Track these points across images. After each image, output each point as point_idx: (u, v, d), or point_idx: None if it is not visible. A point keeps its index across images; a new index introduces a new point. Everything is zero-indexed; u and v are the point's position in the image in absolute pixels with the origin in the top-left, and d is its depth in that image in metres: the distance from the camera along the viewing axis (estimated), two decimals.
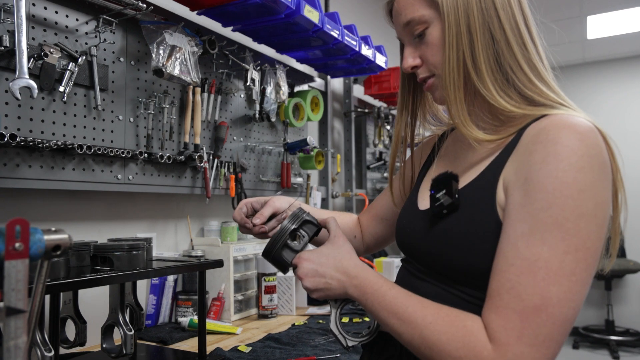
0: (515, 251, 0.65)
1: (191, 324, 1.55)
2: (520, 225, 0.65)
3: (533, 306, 0.62)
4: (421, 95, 0.93)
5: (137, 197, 1.62)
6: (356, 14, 3.00)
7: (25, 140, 1.17)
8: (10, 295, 0.68)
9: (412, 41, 0.82)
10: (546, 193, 0.64)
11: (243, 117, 1.95)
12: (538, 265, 0.63)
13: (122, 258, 1.04)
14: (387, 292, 0.75)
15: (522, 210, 0.66)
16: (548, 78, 0.78)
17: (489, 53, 0.75)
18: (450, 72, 0.76)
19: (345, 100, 2.80)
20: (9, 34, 1.14)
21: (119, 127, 1.45)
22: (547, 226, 0.63)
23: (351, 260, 0.81)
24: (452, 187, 0.75)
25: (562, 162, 0.64)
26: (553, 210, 0.63)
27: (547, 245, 0.63)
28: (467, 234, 0.72)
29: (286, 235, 0.86)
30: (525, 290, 0.63)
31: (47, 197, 1.36)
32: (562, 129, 0.66)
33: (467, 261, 0.72)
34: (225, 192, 1.82)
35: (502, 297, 0.65)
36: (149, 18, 1.49)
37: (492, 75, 0.75)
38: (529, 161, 0.67)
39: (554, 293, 0.62)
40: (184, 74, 1.50)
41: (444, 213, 0.75)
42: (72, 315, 1.10)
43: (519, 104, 0.75)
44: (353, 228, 1.13)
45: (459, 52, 0.75)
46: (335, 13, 1.89)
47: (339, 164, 2.69)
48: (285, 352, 1.32)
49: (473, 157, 0.81)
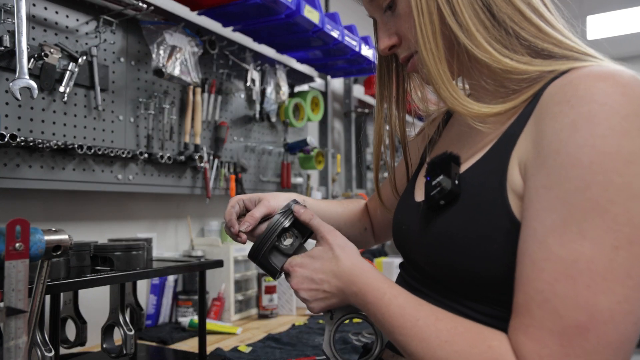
0: (546, 251, 0.49)
1: (191, 324, 1.55)
2: (548, 216, 0.49)
3: (576, 325, 0.46)
4: (405, 79, 0.79)
5: (137, 197, 1.62)
6: (356, 14, 3.00)
7: (26, 140, 1.17)
8: (11, 295, 0.68)
9: (384, 16, 0.69)
10: (581, 168, 0.48)
11: (243, 117, 1.95)
12: (578, 267, 0.47)
13: (123, 258, 1.04)
14: (392, 301, 0.60)
15: (549, 195, 0.50)
16: (561, 27, 0.61)
17: (476, 6, 0.60)
18: (426, 43, 0.61)
19: (346, 101, 2.80)
20: (9, 34, 1.14)
21: (119, 128, 1.45)
22: (586, 213, 0.47)
23: (348, 260, 0.67)
24: (450, 171, 0.60)
25: (599, 125, 0.48)
26: (592, 190, 0.47)
27: (588, 239, 0.47)
28: (468, 231, 0.57)
29: (274, 236, 0.72)
30: (564, 303, 0.47)
31: (47, 197, 1.36)
32: (597, 82, 0.50)
33: (470, 268, 0.57)
34: (225, 192, 1.82)
35: (534, 314, 0.49)
36: (149, 18, 1.49)
37: (486, 31, 0.59)
38: (553, 128, 0.51)
39: (604, 305, 0.46)
40: (184, 74, 1.50)
41: (440, 204, 0.60)
42: (72, 315, 1.10)
43: (530, 59, 0.59)
44: (362, 219, 0.98)
45: (431, 15, 0.60)
46: (336, 13, 1.89)
47: (339, 164, 2.69)
48: (285, 352, 1.32)
49: (477, 136, 0.65)
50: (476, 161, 0.61)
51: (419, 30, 0.61)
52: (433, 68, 0.61)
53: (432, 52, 0.61)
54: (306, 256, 0.71)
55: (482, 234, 0.56)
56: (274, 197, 0.84)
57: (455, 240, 0.59)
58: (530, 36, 0.59)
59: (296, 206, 0.74)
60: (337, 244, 0.69)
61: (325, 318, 0.72)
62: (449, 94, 0.61)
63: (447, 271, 0.61)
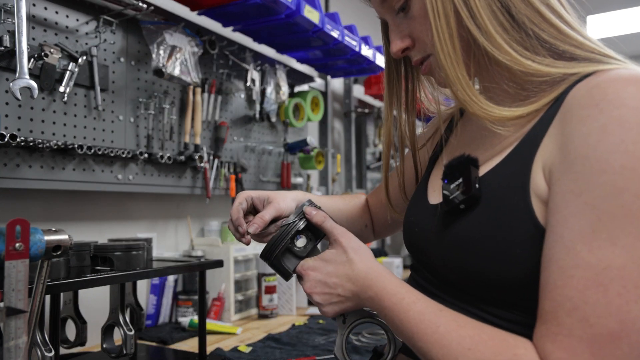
0: (575, 258, 0.48)
1: (191, 324, 1.55)
2: (577, 222, 0.48)
3: (608, 333, 0.46)
4: (415, 82, 0.77)
5: (137, 197, 1.62)
6: (356, 14, 3.00)
7: (26, 140, 1.17)
8: (11, 295, 0.68)
9: (396, 18, 0.67)
10: (612, 174, 0.47)
11: (243, 117, 1.95)
12: (609, 274, 0.46)
13: (123, 258, 1.04)
14: (411, 306, 0.59)
15: (577, 201, 0.49)
16: (580, 28, 0.60)
17: (495, 8, 0.58)
18: (443, 45, 0.59)
19: (346, 101, 2.80)
20: (9, 34, 1.14)
21: (119, 128, 1.45)
22: (616, 220, 0.47)
23: (362, 263, 0.65)
24: (470, 175, 0.58)
25: (631, 130, 0.47)
26: (624, 196, 0.46)
27: (619, 246, 0.46)
28: (490, 236, 0.56)
29: (288, 238, 0.71)
30: (595, 311, 0.46)
31: (47, 197, 1.36)
32: (626, 86, 0.49)
33: (492, 272, 0.56)
34: (225, 192, 1.82)
35: (562, 322, 0.48)
36: (149, 18, 1.49)
37: (505, 33, 0.58)
38: (581, 132, 0.50)
39: (636, 313, 0.45)
40: (184, 74, 1.50)
41: (460, 208, 0.59)
42: (72, 315, 1.10)
43: (553, 61, 0.57)
44: (363, 215, 0.97)
45: (448, 18, 0.59)
46: (336, 13, 1.89)
47: (339, 164, 2.69)
48: (285, 352, 1.32)
49: (494, 139, 0.63)
50: (497, 164, 0.60)
51: (436, 33, 0.60)
52: (451, 71, 0.60)
53: (449, 55, 0.60)
54: (319, 259, 0.69)
55: (504, 238, 0.55)
56: (283, 199, 0.82)
57: (477, 244, 0.58)
58: (550, 38, 0.58)
59: (308, 208, 0.73)
60: (351, 246, 0.67)
61: (337, 322, 0.70)
62: (469, 97, 0.60)
63: (466, 275, 0.60)
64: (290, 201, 0.82)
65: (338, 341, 0.71)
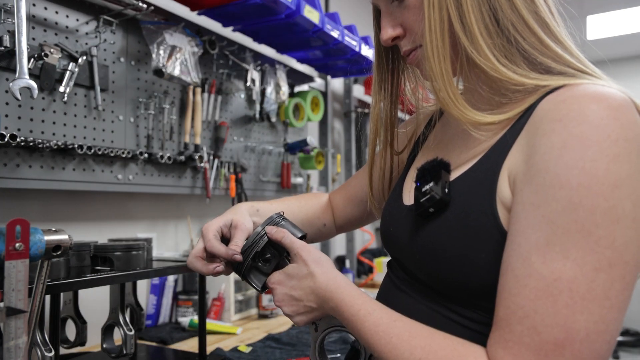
0: (529, 268, 0.50)
1: (191, 324, 1.55)
2: (534, 233, 0.50)
3: (554, 341, 0.48)
4: (400, 73, 0.78)
5: (137, 197, 1.62)
6: (356, 14, 3.00)
7: (26, 140, 1.17)
8: (11, 295, 0.68)
9: (390, 6, 0.67)
10: (569, 189, 0.49)
11: (243, 117, 1.95)
12: (559, 286, 0.48)
13: (123, 258, 1.04)
14: (367, 318, 0.60)
15: (535, 213, 0.51)
16: (565, 39, 0.61)
17: (483, 9, 0.59)
18: (433, 39, 0.60)
19: (346, 101, 2.80)
20: (9, 34, 1.14)
21: (119, 128, 1.45)
22: (570, 234, 0.48)
23: (323, 275, 0.67)
24: (441, 179, 0.60)
25: (590, 148, 0.48)
26: (578, 212, 0.48)
27: (571, 259, 0.48)
28: (457, 242, 0.58)
29: (249, 259, 0.73)
30: (543, 320, 0.48)
31: (47, 197, 1.36)
32: (590, 103, 0.50)
33: (457, 276, 0.58)
34: (225, 192, 1.82)
35: (513, 329, 0.50)
36: (149, 18, 1.49)
37: (489, 37, 0.59)
38: (545, 145, 0.51)
39: (581, 324, 0.47)
40: (184, 74, 1.50)
41: (430, 212, 0.61)
42: (72, 315, 1.10)
43: (528, 72, 0.59)
44: (320, 216, 0.96)
45: (442, 11, 0.59)
46: (336, 13, 1.89)
47: (339, 164, 2.69)
48: (285, 352, 1.32)
49: (468, 142, 0.65)
50: (467, 169, 0.61)
51: (427, 25, 0.60)
52: (436, 64, 0.60)
53: (437, 48, 0.60)
54: (283, 273, 0.71)
55: (470, 243, 0.57)
56: (243, 218, 0.80)
57: (445, 248, 0.59)
58: (530, 47, 0.59)
59: (268, 227, 0.74)
60: (312, 259, 0.68)
61: (310, 330, 0.73)
62: (447, 94, 0.60)
63: (434, 276, 0.62)
64: (248, 217, 0.81)
65: (312, 347, 0.73)
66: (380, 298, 0.75)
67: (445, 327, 0.59)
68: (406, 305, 0.66)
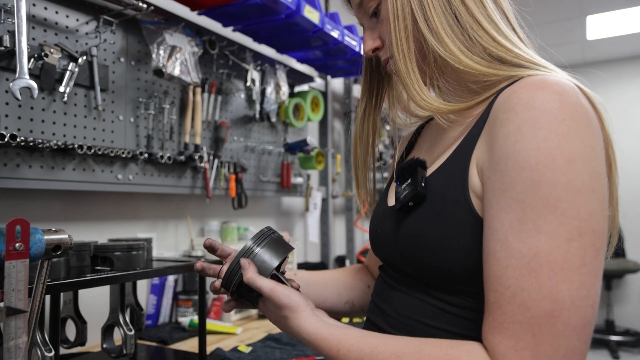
0: (508, 248, 0.53)
1: (191, 324, 1.55)
2: (506, 216, 0.54)
3: (544, 314, 0.51)
4: (384, 84, 0.85)
5: (137, 197, 1.62)
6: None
7: (26, 140, 1.17)
8: (11, 295, 0.68)
9: (370, 21, 0.76)
10: (529, 170, 0.53)
11: (243, 117, 1.95)
12: (539, 261, 0.52)
13: (123, 258, 1.04)
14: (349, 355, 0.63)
15: (504, 197, 0.55)
16: (514, 38, 0.68)
17: (446, 13, 0.67)
18: (399, 44, 0.68)
19: (346, 101, 2.80)
20: (9, 34, 1.14)
21: (119, 128, 1.45)
22: (538, 211, 0.52)
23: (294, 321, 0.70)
24: (417, 175, 0.65)
25: (541, 129, 0.53)
26: (541, 189, 0.52)
27: (544, 234, 0.52)
28: (436, 230, 0.62)
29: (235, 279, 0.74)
30: (530, 295, 0.51)
31: (47, 197, 1.36)
32: (536, 90, 0.56)
33: (439, 263, 0.62)
34: (225, 192, 1.82)
35: (505, 310, 0.53)
36: (149, 18, 1.49)
37: (453, 34, 0.66)
38: (502, 134, 0.56)
39: (565, 292, 0.51)
40: (184, 74, 1.50)
41: (409, 206, 0.65)
42: (72, 315, 1.10)
43: (487, 63, 0.65)
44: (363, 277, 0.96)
45: (405, 20, 0.67)
46: (336, 13, 1.89)
47: (339, 164, 2.69)
48: (285, 352, 1.32)
49: (445, 141, 0.71)
50: (441, 164, 0.66)
51: (393, 32, 0.69)
52: (403, 66, 0.68)
53: (403, 52, 0.68)
54: (271, 304, 0.72)
55: (448, 231, 0.61)
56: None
57: (425, 238, 0.63)
58: (486, 43, 0.66)
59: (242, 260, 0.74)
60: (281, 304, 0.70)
61: None
62: (415, 90, 0.67)
63: (419, 267, 0.65)
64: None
65: None
66: (374, 298, 0.78)
67: (432, 314, 0.63)
68: (400, 301, 0.70)
